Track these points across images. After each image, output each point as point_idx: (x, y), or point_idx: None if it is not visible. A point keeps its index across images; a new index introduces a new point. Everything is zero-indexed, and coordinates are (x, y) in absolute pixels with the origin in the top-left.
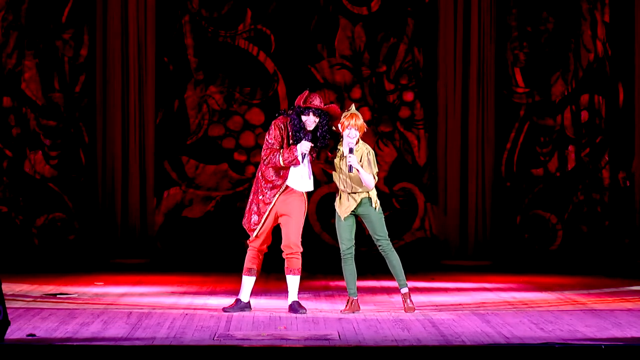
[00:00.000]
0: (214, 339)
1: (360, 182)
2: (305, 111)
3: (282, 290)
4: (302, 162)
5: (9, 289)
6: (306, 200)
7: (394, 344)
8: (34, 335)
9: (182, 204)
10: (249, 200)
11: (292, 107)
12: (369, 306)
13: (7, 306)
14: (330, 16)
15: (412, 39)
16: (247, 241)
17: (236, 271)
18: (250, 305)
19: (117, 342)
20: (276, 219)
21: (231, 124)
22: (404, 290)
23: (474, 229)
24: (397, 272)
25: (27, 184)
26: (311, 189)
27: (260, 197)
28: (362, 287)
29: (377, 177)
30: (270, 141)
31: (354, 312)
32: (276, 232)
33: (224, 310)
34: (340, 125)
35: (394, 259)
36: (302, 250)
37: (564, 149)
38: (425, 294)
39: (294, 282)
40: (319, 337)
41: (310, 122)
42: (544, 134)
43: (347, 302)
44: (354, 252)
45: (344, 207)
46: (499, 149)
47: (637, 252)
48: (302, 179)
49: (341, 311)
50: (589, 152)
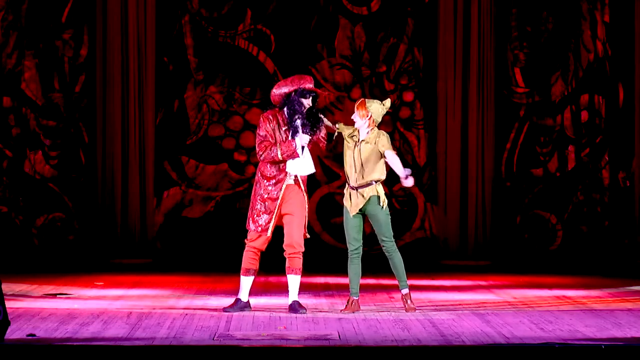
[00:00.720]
0: (214, 339)
1: (372, 170)
2: (307, 94)
3: (282, 290)
4: (301, 154)
5: (9, 289)
6: (307, 197)
7: (394, 344)
8: (34, 335)
9: (182, 204)
10: (252, 202)
11: (291, 92)
12: (369, 306)
13: (7, 306)
14: (330, 16)
15: (412, 39)
16: (246, 240)
17: (236, 271)
18: (249, 304)
19: (117, 342)
20: (279, 218)
21: (231, 124)
22: (405, 291)
23: (474, 229)
24: (399, 273)
25: (27, 184)
26: (313, 170)
27: (265, 196)
28: (362, 287)
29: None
30: (262, 134)
31: (353, 312)
32: (277, 231)
33: (224, 310)
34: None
35: (397, 260)
36: (304, 250)
37: (564, 149)
38: (425, 294)
39: (295, 281)
40: (319, 337)
41: (307, 104)
42: (544, 134)
43: (348, 302)
44: (361, 252)
45: (353, 203)
46: (499, 149)
47: (637, 252)
48: (303, 163)
49: (341, 311)
50: (589, 152)
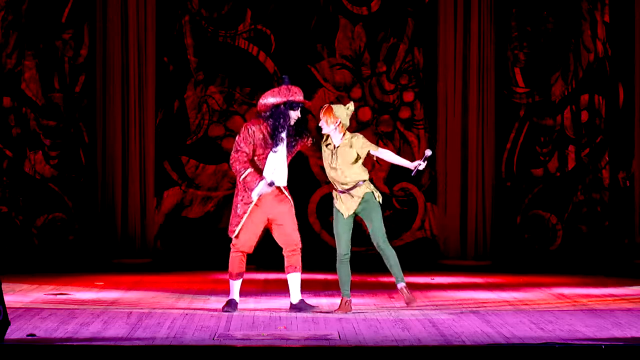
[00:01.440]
0: (214, 339)
1: (355, 173)
2: (296, 107)
3: (282, 290)
4: (254, 198)
5: (9, 289)
6: (290, 199)
7: (394, 344)
8: (34, 335)
9: (182, 204)
10: (233, 204)
11: (280, 104)
12: (369, 306)
13: (7, 306)
14: (330, 16)
15: (412, 39)
16: (231, 244)
17: None
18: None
19: (117, 342)
20: (264, 222)
21: (231, 124)
22: (401, 285)
23: (474, 229)
24: (393, 267)
25: (27, 184)
26: (283, 184)
27: (240, 199)
28: (362, 286)
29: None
30: (240, 143)
31: (346, 313)
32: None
33: (223, 310)
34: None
35: (390, 255)
36: (301, 246)
37: (564, 149)
38: (425, 294)
39: (297, 280)
40: (319, 337)
41: (294, 116)
42: (544, 134)
43: (341, 303)
44: (349, 255)
45: (348, 206)
46: (499, 149)
47: (637, 252)
48: (276, 172)
49: (334, 311)
50: (589, 152)
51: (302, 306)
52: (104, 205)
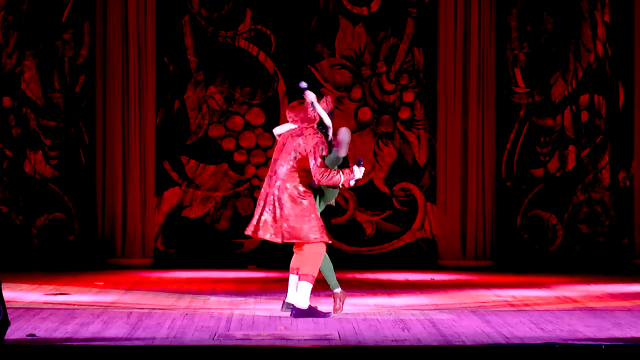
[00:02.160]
0: (214, 339)
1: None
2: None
3: (282, 290)
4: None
5: (9, 289)
6: None
7: (394, 344)
8: (34, 335)
9: (182, 204)
10: (304, 216)
11: (329, 112)
12: (369, 306)
13: (7, 306)
14: (330, 16)
15: (412, 39)
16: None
17: (236, 271)
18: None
19: (117, 342)
20: None
21: (231, 124)
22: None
23: (474, 229)
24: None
25: (27, 184)
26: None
27: (307, 203)
28: (362, 286)
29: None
30: (318, 159)
31: (343, 303)
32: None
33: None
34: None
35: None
36: None
37: (564, 149)
38: (425, 294)
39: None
40: (319, 337)
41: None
42: (544, 134)
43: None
44: None
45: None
46: (499, 149)
47: (637, 252)
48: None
49: (335, 311)
50: (589, 152)
51: (314, 313)
52: (104, 205)
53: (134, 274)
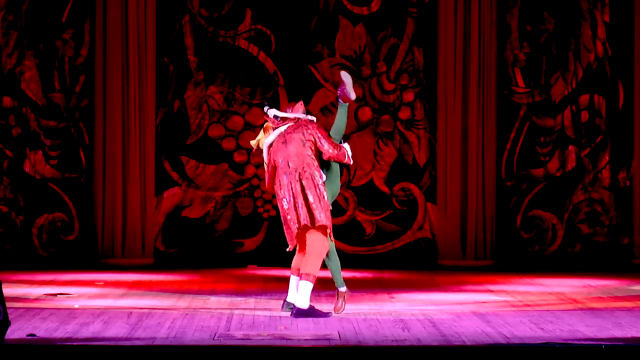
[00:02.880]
0: (214, 339)
1: None
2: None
3: (283, 290)
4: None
5: (9, 289)
6: None
7: (394, 344)
8: (34, 335)
9: (182, 204)
10: (313, 198)
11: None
12: (369, 306)
13: (7, 306)
14: (330, 16)
15: (412, 39)
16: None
17: (235, 271)
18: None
19: (117, 342)
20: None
21: (231, 124)
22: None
23: (474, 229)
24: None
25: (27, 184)
26: None
27: (320, 190)
28: (362, 286)
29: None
30: (328, 139)
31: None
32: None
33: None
34: None
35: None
36: None
37: (564, 149)
38: (425, 294)
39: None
40: (319, 337)
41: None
42: (544, 134)
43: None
44: None
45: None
46: (499, 149)
47: (637, 252)
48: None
49: (336, 310)
50: (589, 152)
51: (314, 312)
52: (104, 205)
53: (134, 274)
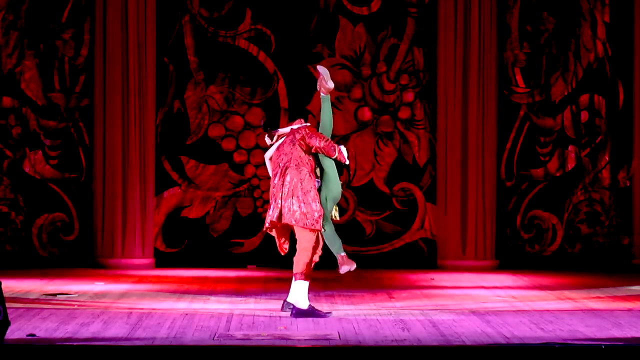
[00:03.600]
0: (214, 339)
1: None
2: None
3: (282, 290)
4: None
5: (9, 289)
6: None
7: (394, 344)
8: (34, 335)
9: (182, 204)
10: (304, 198)
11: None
12: (369, 306)
13: (7, 306)
14: (330, 16)
15: (412, 39)
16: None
17: (236, 271)
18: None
19: (117, 342)
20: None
21: (231, 124)
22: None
23: (474, 229)
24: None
25: (27, 184)
26: None
27: (314, 193)
28: (362, 285)
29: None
30: (322, 136)
31: (350, 268)
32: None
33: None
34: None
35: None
36: None
37: (564, 149)
38: (425, 294)
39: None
40: (319, 337)
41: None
42: (544, 134)
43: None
44: None
45: None
46: (499, 149)
47: (636, 252)
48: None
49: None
50: (589, 152)
51: (313, 312)
52: (104, 205)
53: (134, 274)
